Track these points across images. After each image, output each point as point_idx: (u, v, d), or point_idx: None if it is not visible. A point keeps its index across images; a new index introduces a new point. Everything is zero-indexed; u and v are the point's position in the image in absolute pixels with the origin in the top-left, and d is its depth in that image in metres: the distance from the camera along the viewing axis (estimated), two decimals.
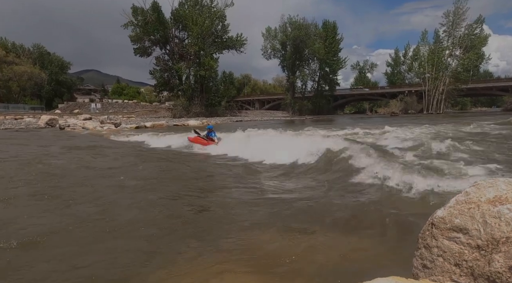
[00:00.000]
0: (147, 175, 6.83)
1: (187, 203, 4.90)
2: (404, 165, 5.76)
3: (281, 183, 6.35)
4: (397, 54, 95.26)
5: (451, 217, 1.76)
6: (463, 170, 5.44)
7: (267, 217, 4.16)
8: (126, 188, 5.60)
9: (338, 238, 3.46)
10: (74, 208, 4.45)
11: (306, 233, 3.64)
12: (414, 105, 70.11)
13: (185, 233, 3.66)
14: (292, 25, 74.33)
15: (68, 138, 16.40)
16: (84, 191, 5.35)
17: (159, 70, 62.13)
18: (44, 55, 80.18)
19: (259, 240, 3.45)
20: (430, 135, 11.79)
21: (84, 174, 6.69)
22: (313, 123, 32.66)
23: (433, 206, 3.61)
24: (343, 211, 4.28)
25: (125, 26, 58.91)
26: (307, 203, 4.78)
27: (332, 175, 6.65)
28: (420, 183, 4.80)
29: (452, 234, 1.73)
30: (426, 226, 1.91)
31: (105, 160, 8.89)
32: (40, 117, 33.45)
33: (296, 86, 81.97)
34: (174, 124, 33.09)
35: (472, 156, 7.15)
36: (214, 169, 8.10)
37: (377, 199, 4.72)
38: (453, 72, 67.74)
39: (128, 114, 55.87)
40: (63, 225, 3.77)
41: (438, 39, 70.79)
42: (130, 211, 4.36)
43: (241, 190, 5.72)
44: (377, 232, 3.58)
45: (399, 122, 25.19)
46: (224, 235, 3.58)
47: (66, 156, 9.63)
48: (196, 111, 57.55)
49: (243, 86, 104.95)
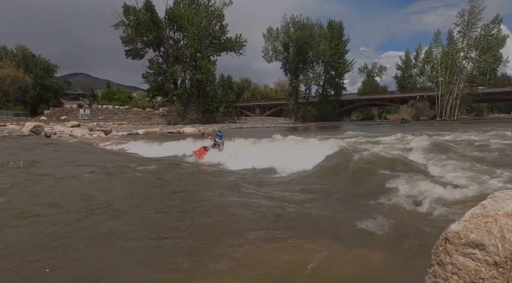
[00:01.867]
0: (142, 190, 6.78)
1: (190, 214, 4.89)
2: (417, 174, 5.75)
3: (288, 192, 6.34)
4: (407, 56, 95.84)
5: (466, 231, 1.76)
6: (481, 181, 5.44)
7: (275, 228, 4.15)
8: (116, 206, 5.58)
9: (347, 253, 3.45)
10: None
11: (317, 245, 3.64)
12: (426, 111, 70.06)
13: (190, 245, 3.66)
14: (295, 25, 74.87)
15: (57, 149, 16.37)
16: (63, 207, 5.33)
17: (152, 74, 62.33)
18: (28, 58, 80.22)
19: (270, 253, 3.45)
20: (454, 143, 11.81)
21: (62, 188, 6.66)
22: (319, 130, 32.65)
23: (447, 220, 3.61)
24: (354, 223, 4.27)
25: (116, 27, 59.16)
26: (316, 213, 4.78)
27: (342, 185, 6.64)
28: (433, 194, 4.79)
29: (467, 250, 1.72)
30: (439, 241, 1.90)
31: (90, 169, 8.85)
32: (24, 124, 33.40)
33: (299, 91, 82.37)
34: (169, 131, 33.12)
35: (493, 165, 7.15)
36: (215, 179, 8.09)
37: (389, 210, 4.71)
38: (468, 75, 67.70)
39: (119, 121, 55.95)
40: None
41: (452, 40, 70.90)
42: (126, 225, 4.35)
43: (245, 199, 5.70)
44: (389, 247, 3.56)
45: (412, 129, 25.20)
46: (231, 248, 3.58)
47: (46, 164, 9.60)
48: (192, 117, 57.61)
49: (243, 90, 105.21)
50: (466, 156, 8.54)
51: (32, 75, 75.40)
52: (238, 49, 64.12)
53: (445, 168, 6.86)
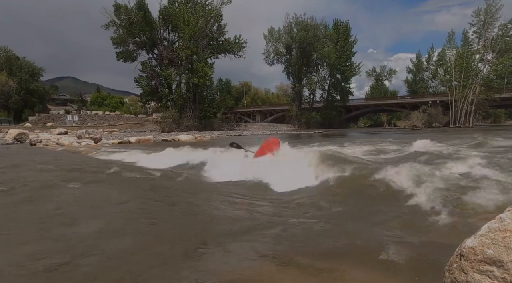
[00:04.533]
0: (138, 208, 6.75)
1: (188, 233, 4.87)
2: (430, 183, 5.74)
3: (292, 208, 6.32)
4: (419, 58, 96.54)
5: (482, 247, 1.76)
6: (500, 191, 5.41)
7: (279, 249, 4.13)
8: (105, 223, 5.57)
9: (359, 275, 3.43)
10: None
11: (324, 265, 3.62)
12: (439, 117, 69.85)
13: (184, 264, 3.64)
14: (298, 25, 75.12)
15: (42, 158, 16.37)
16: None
17: (145, 78, 62.25)
18: (12, 60, 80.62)
19: (273, 277, 3.43)
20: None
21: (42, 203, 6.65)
22: (324, 138, 32.61)
23: (462, 234, 3.59)
24: (362, 239, 4.25)
25: (106, 27, 59.18)
26: (321, 229, 4.76)
27: (348, 197, 6.63)
28: (447, 205, 4.78)
29: (484, 267, 1.72)
30: (453, 257, 1.90)
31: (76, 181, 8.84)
32: (7, 131, 33.42)
33: (302, 96, 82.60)
34: (163, 139, 33.05)
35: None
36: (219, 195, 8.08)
37: (398, 224, 4.69)
38: (484, 79, 67.46)
39: (109, 128, 56.07)
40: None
41: (467, 41, 70.94)
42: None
43: (250, 215, 5.69)
44: (398, 265, 3.55)
45: (425, 136, 25.14)
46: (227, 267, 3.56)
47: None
48: (188, 124, 57.56)
49: (242, 95, 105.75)
50: (484, 164, 8.51)
51: (16, 79, 75.80)
52: (237, 51, 64.15)
53: (458, 178, 6.84)
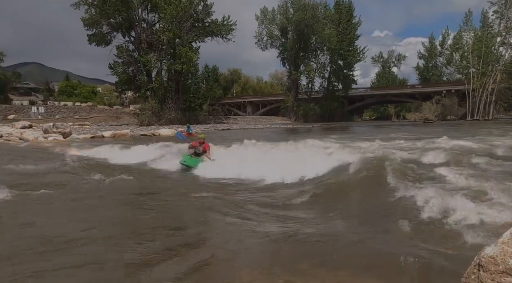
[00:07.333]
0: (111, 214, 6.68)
1: (175, 241, 4.86)
2: (443, 187, 5.77)
3: (287, 211, 6.34)
4: (432, 42, 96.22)
5: (504, 256, 1.75)
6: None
7: (278, 258, 4.14)
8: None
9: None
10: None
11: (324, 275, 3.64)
12: (455, 109, 69.36)
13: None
14: (295, 5, 74.78)
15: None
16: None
17: (121, 64, 61.34)
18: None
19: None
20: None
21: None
22: (323, 132, 32.61)
23: (480, 242, 3.62)
24: (367, 247, 4.27)
25: (76, 6, 58.02)
26: (321, 236, 4.77)
27: (352, 200, 6.67)
28: (464, 211, 4.80)
29: (505, 279, 1.72)
30: (471, 268, 1.90)
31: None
32: None
33: (300, 85, 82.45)
34: (142, 134, 33.02)
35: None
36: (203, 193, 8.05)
37: (410, 231, 4.72)
38: (506, 66, 66.77)
39: (80, 121, 55.59)
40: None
41: (487, 22, 70.84)
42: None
43: (241, 219, 5.69)
44: (409, 277, 3.56)
45: (443, 131, 25.23)
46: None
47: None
48: (170, 117, 56.97)
49: (231, 84, 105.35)
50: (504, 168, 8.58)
51: None
52: (225, 34, 63.19)
53: (476, 181, 6.88)
